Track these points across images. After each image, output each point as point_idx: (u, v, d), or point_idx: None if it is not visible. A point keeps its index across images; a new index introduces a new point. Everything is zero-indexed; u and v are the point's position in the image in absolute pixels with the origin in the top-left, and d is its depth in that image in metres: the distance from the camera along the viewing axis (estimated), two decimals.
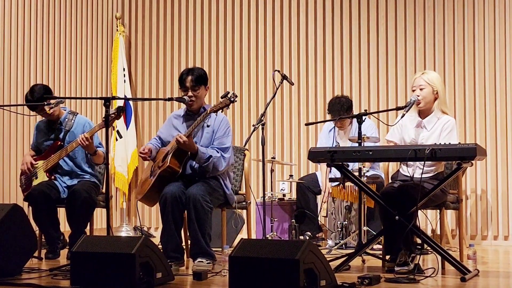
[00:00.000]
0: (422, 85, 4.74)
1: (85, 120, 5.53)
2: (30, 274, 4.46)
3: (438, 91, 4.74)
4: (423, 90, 4.73)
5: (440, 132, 4.69)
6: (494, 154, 6.73)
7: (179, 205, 4.75)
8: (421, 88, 4.74)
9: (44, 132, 5.53)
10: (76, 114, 5.55)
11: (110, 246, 3.92)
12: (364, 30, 7.28)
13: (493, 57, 6.81)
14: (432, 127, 4.73)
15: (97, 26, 7.87)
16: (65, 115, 5.51)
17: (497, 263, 5.43)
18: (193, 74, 4.95)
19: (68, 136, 5.42)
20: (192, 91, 4.95)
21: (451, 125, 4.70)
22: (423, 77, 4.77)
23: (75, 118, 5.50)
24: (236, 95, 4.72)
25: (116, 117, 4.92)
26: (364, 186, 4.71)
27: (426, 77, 4.76)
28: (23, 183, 5.44)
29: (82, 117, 5.61)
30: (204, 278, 4.22)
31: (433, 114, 4.75)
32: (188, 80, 4.94)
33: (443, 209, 4.89)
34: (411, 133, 4.78)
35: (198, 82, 4.95)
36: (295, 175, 7.09)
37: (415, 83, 4.78)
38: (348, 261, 4.68)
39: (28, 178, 5.41)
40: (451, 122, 4.72)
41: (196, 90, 4.95)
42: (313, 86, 7.45)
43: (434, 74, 4.86)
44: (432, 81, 4.74)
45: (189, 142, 4.73)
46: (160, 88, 8.01)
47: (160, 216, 4.93)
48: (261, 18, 7.67)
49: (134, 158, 7.74)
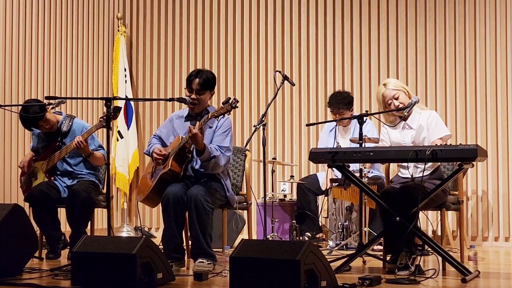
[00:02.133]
0: (394, 93, 4.77)
1: (83, 125, 5.50)
2: (31, 274, 4.46)
3: (407, 91, 4.80)
4: (399, 98, 4.76)
5: (427, 127, 4.71)
6: (495, 155, 6.73)
7: (181, 205, 4.75)
8: (395, 96, 4.76)
9: (42, 138, 5.53)
10: (73, 118, 5.53)
11: (111, 246, 3.93)
12: (365, 31, 7.28)
13: (494, 57, 6.81)
14: (416, 124, 4.77)
15: (98, 26, 7.87)
16: (61, 120, 5.51)
17: (498, 264, 5.43)
18: (201, 77, 4.94)
19: (66, 137, 5.42)
20: (196, 94, 4.95)
21: (435, 118, 4.76)
22: (389, 87, 4.81)
23: (73, 120, 5.50)
24: (237, 101, 4.72)
25: (113, 117, 4.91)
26: (365, 187, 4.71)
27: (391, 86, 4.81)
28: (23, 184, 5.45)
29: (79, 120, 5.61)
30: (205, 279, 4.22)
31: (414, 112, 4.81)
32: (196, 82, 4.93)
33: (444, 210, 4.89)
34: (398, 136, 4.81)
35: (204, 86, 4.94)
36: (296, 175, 7.08)
37: (387, 97, 4.78)
38: (348, 262, 4.68)
39: (28, 179, 5.42)
40: (433, 115, 4.79)
41: (201, 94, 4.95)
42: (314, 86, 7.45)
43: (394, 80, 4.99)
44: (399, 86, 4.82)
45: (200, 136, 4.70)
46: (161, 89, 8.01)
47: (160, 217, 4.93)
48: (262, 19, 7.68)
49: (135, 159, 7.74)
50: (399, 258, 4.44)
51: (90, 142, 5.35)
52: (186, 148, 4.88)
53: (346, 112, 6.32)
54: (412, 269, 4.34)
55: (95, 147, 5.41)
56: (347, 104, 6.32)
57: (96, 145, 5.43)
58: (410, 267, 4.37)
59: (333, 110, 6.35)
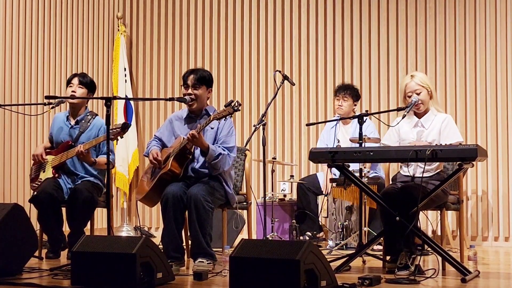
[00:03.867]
0: (417, 89, 4.75)
1: (101, 124, 5.45)
2: (31, 273, 4.45)
3: (431, 91, 4.78)
4: (420, 94, 4.75)
5: (439, 130, 4.71)
6: (495, 155, 6.73)
7: (181, 205, 4.75)
8: (417, 92, 4.75)
9: (60, 125, 5.50)
10: (95, 116, 5.50)
11: (111, 246, 3.92)
12: (365, 31, 7.28)
13: (495, 57, 6.81)
14: (430, 125, 4.76)
15: (98, 26, 7.87)
16: (84, 114, 5.49)
17: (498, 264, 5.43)
18: (197, 74, 4.98)
19: (81, 137, 5.40)
20: (192, 88, 4.96)
21: (449, 122, 4.74)
22: (415, 80, 4.78)
23: (93, 120, 5.46)
24: (239, 104, 4.73)
25: (120, 134, 4.91)
26: (365, 187, 4.71)
27: (417, 80, 4.78)
28: (32, 173, 5.44)
29: (100, 120, 5.53)
30: (205, 278, 4.22)
31: (430, 113, 4.80)
32: (190, 78, 4.96)
33: (444, 210, 4.89)
34: (409, 134, 4.79)
35: (200, 81, 4.96)
36: (296, 175, 7.09)
37: (409, 89, 4.77)
38: (348, 262, 4.68)
39: (38, 169, 5.41)
40: (448, 119, 4.76)
41: (197, 88, 4.96)
42: (314, 86, 7.45)
43: (422, 74, 4.91)
44: (424, 82, 4.78)
45: (201, 138, 4.74)
46: (161, 88, 8.01)
47: (160, 216, 4.93)
48: (262, 18, 7.67)
49: (135, 158, 7.74)
50: (399, 258, 4.44)
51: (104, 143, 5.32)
52: (187, 149, 4.88)
53: (349, 100, 6.32)
54: (412, 269, 4.34)
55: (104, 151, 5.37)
56: (354, 92, 6.34)
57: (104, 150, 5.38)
58: (410, 267, 4.37)
59: (338, 94, 6.34)
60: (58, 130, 5.50)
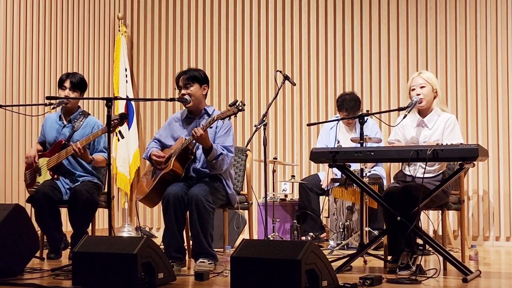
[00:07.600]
0: (422, 83, 4.76)
1: (95, 122, 5.47)
2: (32, 274, 4.45)
3: (437, 90, 4.78)
4: (423, 89, 4.75)
5: (443, 130, 4.70)
6: (496, 154, 6.73)
7: (182, 205, 4.75)
8: (422, 86, 4.76)
9: (52, 125, 5.50)
10: (88, 115, 5.51)
11: (112, 247, 3.92)
12: (366, 31, 7.28)
13: (495, 57, 6.81)
14: (433, 125, 4.75)
15: (99, 26, 7.87)
16: (76, 113, 5.50)
17: (499, 264, 5.42)
18: (186, 73, 5.00)
19: (74, 135, 5.40)
20: (184, 88, 4.97)
21: (453, 122, 4.73)
22: (422, 75, 4.80)
23: (85, 119, 5.47)
24: (244, 104, 4.72)
25: (119, 124, 4.90)
26: (366, 187, 4.71)
27: (424, 76, 4.80)
28: (27, 178, 5.43)
29: (93, 118, 5.56)
30: (206, 279, 4.22)
31: (434, 112, 4.78)
32: (181, 78, 4.99)
33: (445, 210, 4.89)
34: (412, 132, 4.80)
35: (191, 79, 4.97)
36: (297, 175, 7.09)
37: (414, 82, 4.80)
38: (350, 262, 4.68)
39: (32, 174, 5.40)
40: (452, 119, 4.75)
41: (188, 87, 4.97)
42: (315, 86, 7.45)
43: (430, 73, 4.92)
44: (431, 80, 4.78)
45: (206, 136, 4.73)
46: (162, 89, 8.01)
47: (161, 217, 4.93)
48: (262, 19, 7.68)
49: (136, 159, 7.75)
50: (400, 258, 4.44)
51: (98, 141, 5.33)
52: (189, 150, 4.88)
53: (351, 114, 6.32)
54: (413, 269, 4.33)
55: (100, 148, 5.38)
56: (358, 107, 6.34)
57: (101, 147, 5.40)
58: (411, 266, 4.36)
59: (344, 112, 6.32)
60: (50, 130, 5.49)
